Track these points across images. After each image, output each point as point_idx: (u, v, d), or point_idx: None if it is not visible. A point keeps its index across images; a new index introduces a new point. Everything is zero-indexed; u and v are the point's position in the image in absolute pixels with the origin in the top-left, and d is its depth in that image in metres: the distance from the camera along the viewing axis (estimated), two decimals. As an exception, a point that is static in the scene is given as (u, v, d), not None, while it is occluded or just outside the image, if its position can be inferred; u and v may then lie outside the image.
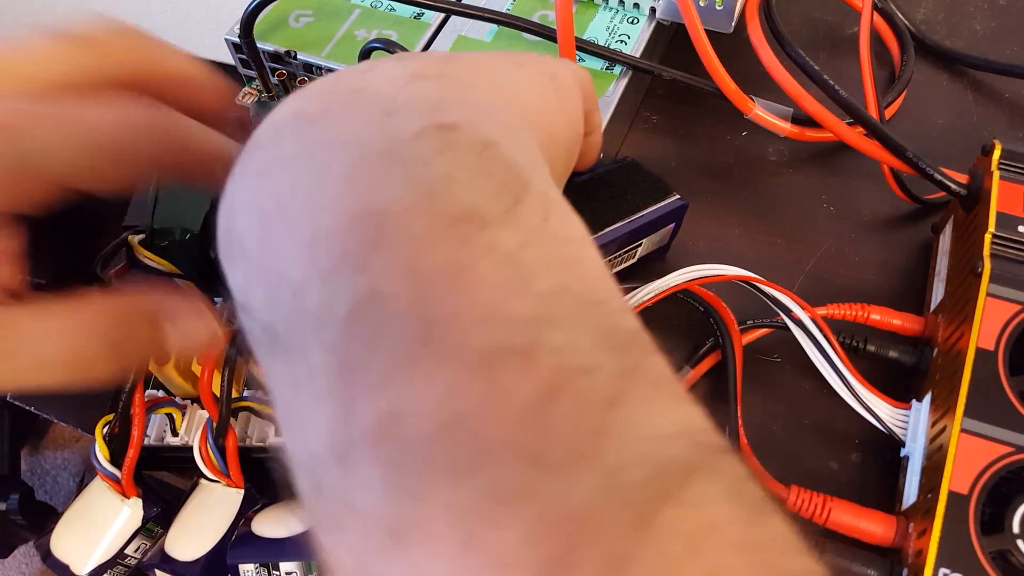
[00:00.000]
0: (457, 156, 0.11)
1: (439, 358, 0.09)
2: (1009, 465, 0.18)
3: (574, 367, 0.09)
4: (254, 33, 0.28)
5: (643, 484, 0.09)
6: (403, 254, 0.10)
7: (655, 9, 0.29)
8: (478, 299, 0.09)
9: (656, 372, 0.10)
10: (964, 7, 0.34)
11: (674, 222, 0.23)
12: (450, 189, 0.10)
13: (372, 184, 0.10)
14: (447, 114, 0.11)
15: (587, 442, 0.09)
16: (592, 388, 0.09)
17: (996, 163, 0.22)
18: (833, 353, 0.22)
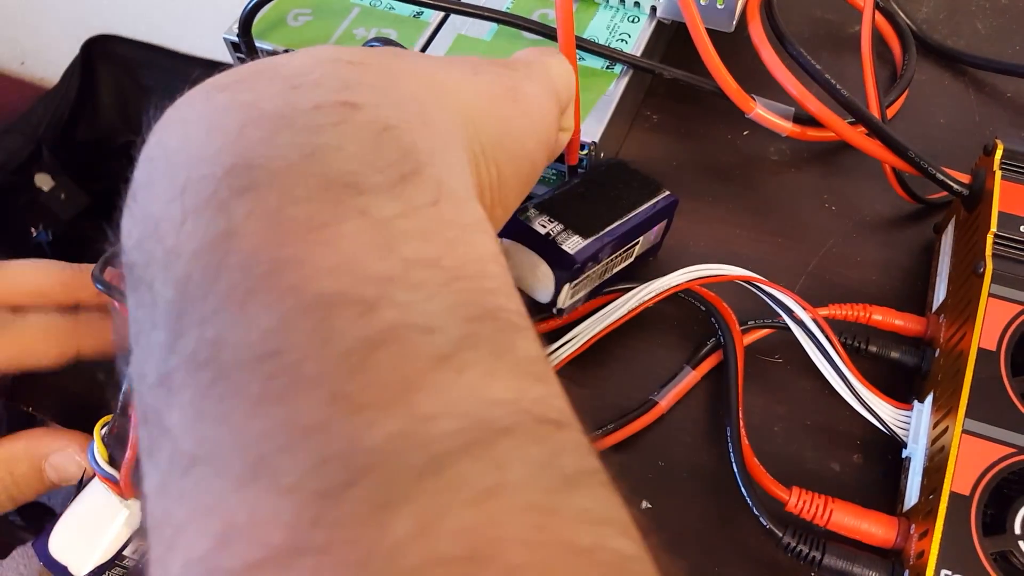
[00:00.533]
0: (352, 130, 0.11)
1: (275, 295, 0.09)
2: (1011, 466, 0.18)
3: (413, 324, 0.10)
4: (252, 32, 0.28)
5: (447, 436, 0.09)
6: (268, 203, 0.10)
7: (656, 8, 0.29)
8: (334, 251, 0.10)
9: (507, 347, 0.10)
10: (966, 6, 0.34)
11: (667, 218, 0.23)
12: (334, 156, 0.11)
13: (256, 141, 0.11)
14: (353, 94, 0.12)
15: (401, 390, 0.09)
16: (425, 345, 0.09)
17: (998, 163, 0.22)
18: (835, 354, 0.22)
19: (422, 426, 0.09)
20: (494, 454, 0.09)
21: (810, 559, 0.20)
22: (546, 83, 0.17)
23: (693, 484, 0.22)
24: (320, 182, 0.10)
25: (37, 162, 0.78)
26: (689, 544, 0.21)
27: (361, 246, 0.10)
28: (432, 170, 0.11)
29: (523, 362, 0.10)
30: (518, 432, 0.09)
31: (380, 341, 0.09)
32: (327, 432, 0.09)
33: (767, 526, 0.20)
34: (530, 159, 0.16)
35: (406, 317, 0.10)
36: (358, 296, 0.09)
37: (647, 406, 0.23)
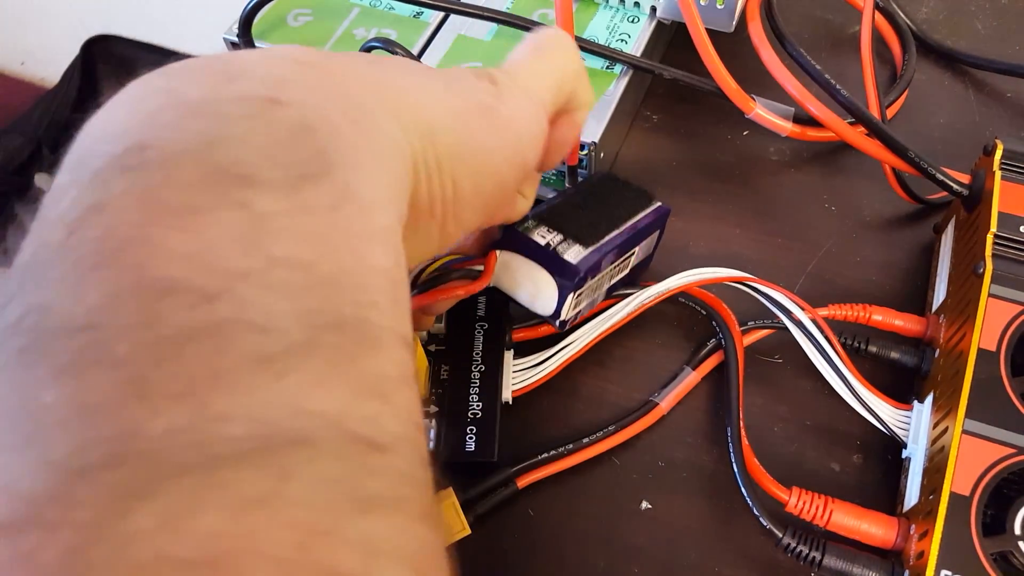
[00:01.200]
0: (264, 125, 0.11)
1: (114, 272, 0.09)
2: (1011, 467, 0.18)
3: (248, 322, 0.09)
4: (252, 32, 0.28)
5: (233, 439, 0.08)
6: (148, 183, 0.10)
7: (655, 8, 0.29)
8: (192, 238, 0.10)
9: (350, 359, 0.10)
10: (966, 6, 0.34)
11: (659, 229, 0.23)
12: (235, 147, 0.11)
13: (164, 125, 0.11)
14: (284, 91, 0.12)
15: (205, 385, 0.09)
16: (251, 344, 0.09)
17: (998, 163, 0.22)
18: (834, 354, 0.22)
19: (209, 424, 0.09)
20: (280, 464, 0.09)
21: (810, 559, 0.20)
22: (532, 91, 0.17)
23: (693, 484, 0.22)
24: (210, 170, 0.10)
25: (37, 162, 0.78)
26: (689, 544, 0.21)
27: (225, 237, 0.10)
28: (343, 175, 0.11)
29: (365, 377, 0.10)
30: (320, 446, 0.09)
31: (203, 333, 0.09)
32: (107, 414, 0.08)
33: (767, 526, 0.20)
34: (494, 177, 0.16)
35: (243, 313, 0.09)
36: (199, 286, 0.09)
37: (648, 407, 0.23)
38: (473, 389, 0.22)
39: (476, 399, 0.22)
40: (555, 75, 0.18)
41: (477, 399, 0.22)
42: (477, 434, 0.21)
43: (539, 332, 0.24)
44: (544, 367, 0.23)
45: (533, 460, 0.22)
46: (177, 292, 0.09)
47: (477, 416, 0.22)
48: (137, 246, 0.10)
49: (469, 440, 0.21)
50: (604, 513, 0.22)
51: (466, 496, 0.21)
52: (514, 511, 0.22)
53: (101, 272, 0.09)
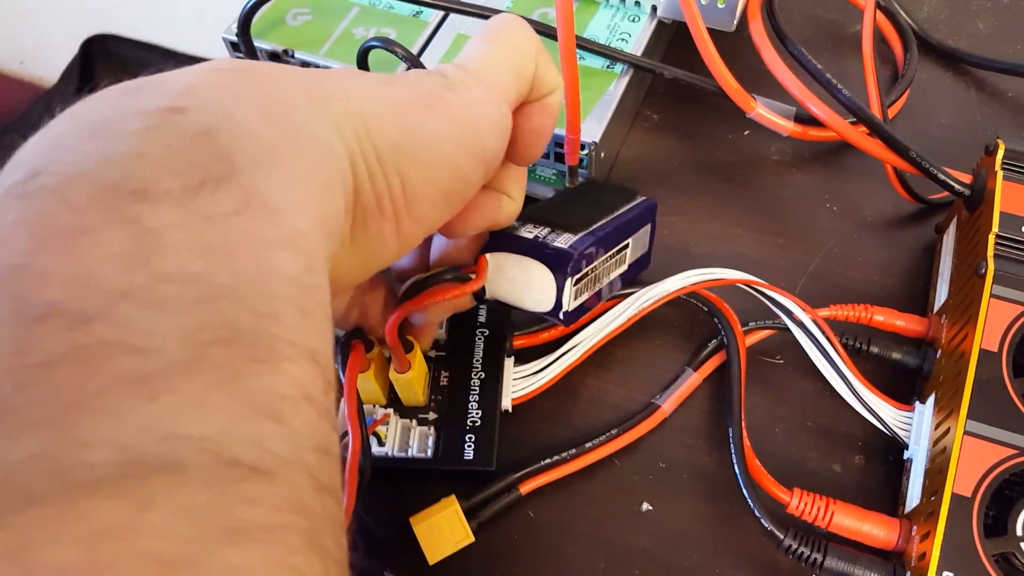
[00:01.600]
0: (162, 135, 0.11)
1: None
2: (1013, 468, 0.18)
3: (125, 343, 0.09)
4: (251, 31, 0.28)
5: (94, 467, 0.08)
6: (41, 209, 0.10)
7: (656, 7, 0.28)
8: (75, 260, 0.09)
9: (239, 376, 0.10)
10: (967, 6, 0.34)
11: (650, 222, 0.23)
12: (130, 162, 0.10)
13: (64, 148, 0.11)
14: (187, 99, 0.11)
15: (68, 410, 0.09)
16: (125, 366, 0.09)
17: (1000, 163, 0.22)
18: (836, 355, 0.22)
19: (70, 451, 0.08)
20: (141, 493, 0.08)
21: (811, 561, 0.20)
22: (486, 79, 0.16)
23: (695, 486, 0.22)
24: (102, 188, 0.10)
25: (36, 162, 0.78)
26: (690, 545, 0.21)
27: (108, 256, 0.10)
28: (247, 177, 0.11)
29: (254, 397, 0.10)
30: (188, 473, 0.09)
31: (72, 357, 0.09)
32: None
33: (768, 528, 0.20)
34: (451, 166, 0.15)
35: (119, 335, 0.09)
36: (76, 309, 0.09)
37: (649, 409, 0.23)
38: (473, 396, 0.22)
39: (475, 407, 0.22)
40: (511, 60, 0.17)
41: (476, 407, 0.22)
42: (476, 443, 0.21)
43: (540, 339, 0.24)
44: (545, 374, 0.23)
45: (536, 466, 0.22)
46: (53, 316, 0.09)
47: (476, 424, 0.21)
48: (18, 274, 0.09)
49: (468, 448, 0.21)
50: (606, 515, 0.22)
51: (469, 503, 0.21)
52: (516, 514, 0.22)
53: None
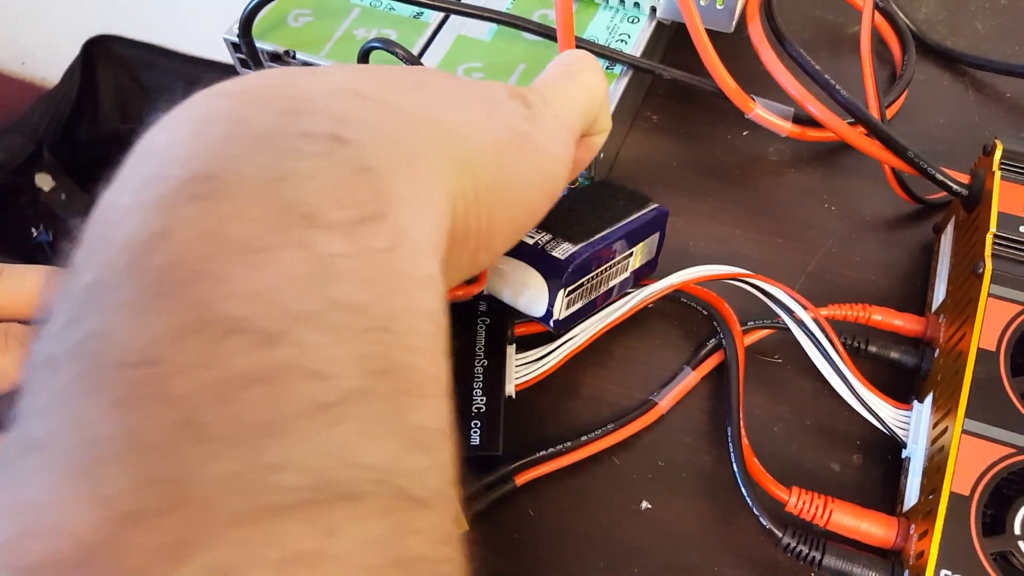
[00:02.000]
0: (329, 163, 0.11)
1: (178, 305, 0.09)
2: (1010, 466, 0.18)
3: (306, 368, 0.09)
4: (253, 32, 0.28)
5: (284, 489, 0.08)
6: (213, 216, 0.10)
7: (655, 8, 0.29)
8: (255, 277, 0.10)
9: (399, 410, 0.10)
10: (965, 6, 0.34)
11: (659, 231, 0.23)
12: (300, 185, 0.11)
13: (231, 156, 0.11)
14: (345, 129, 0.12)
15: (259, 432, 0.09)
16: (309, 391, 0.09)
17: (997, 163, 0.22)
18: (835, 354, 0.22)
19: (262, 473, 0.08)
20: (328, 520, 0.08)
21: (810, 559, 0.20)
22: (564, 117, 0.17)
23: (693, 484, 0.22)
24: (276, 206, 0.10)
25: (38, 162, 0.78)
26: (689, 544, 0.21)
27: (288, 278, 0.10)
28: (398, 218, 0.11)
29: (411, 429, 0.10)
30: (367, 503, 0.09)
31: (261, 378, 0.09)
32: (164, 454, 0.08)
33: (767, 526, 0.20)
34: (527, 207, 0.16)
35: (301, 359, 0.09)
36: (261, 328, 0.09)
37: (647, 406, 0.23)
38: (477, 383, 0.22)
39: (480, 393, 0.22)
40: (585, 101, 0.18)
41: (481, 393, 0.22)
42: (482, 428, 0.21)
43: (541, 327, 0.24)
44: (546, 361, 0.23)
45: (531, 457, 0.22)
46: (239, 332, 0.09)
47: (481, 410, 0.22)
48: (202, 280, 0.09)
49: (474, 434, 0.21)
50: (604, 513, 0.22)
51: (463, 493, 0.21)
52: (514, 512, 0.22)
53: (165, 303, 0.09)
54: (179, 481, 0.08)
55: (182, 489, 0.08)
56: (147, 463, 0.08)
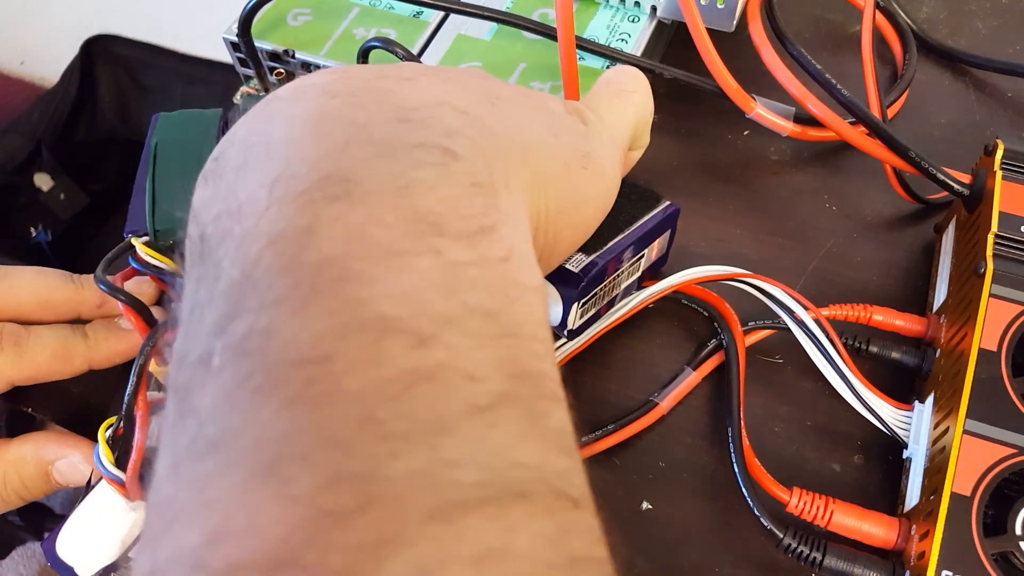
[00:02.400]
0: (447, 176, 0.12)
1: (338, 303, 0.09)
2: (1012, 467, 0.18)
3: (459, 368, 0.10)
4: (252, 32, 0.28)
5: (465, 486, 0.09)
6: (355, 217, 0.10)
7: (656, 7, 0.28)
8: (401, 279, 0.10)
9: (541, 414, 0.10)
10: (967, 6, 0.34)
11: (670, 229, 0.23)
12: (426, 194, 0.11)
13: (359, 160, 0.11)
14: (455, 143, 0.12)
15: (432, 430, 0.09)
16: (466, 392, 0.09)
17: (999, 163, 0.22)
18: (836, 354, 0.22)
19: (443, 470, 0.09)
20: (507, 516, 0.09)
21: (811, 560, 0.20)
22: (617, 135, 0.17)
23: (694, 485, 0.22)
24: (408, 213, 0.11)
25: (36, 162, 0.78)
26: (689, 545, 0.21)
27: (429, 282, 0.10)
28: (506, 231, 0.12)
29: (553, 433, 0.10)
30: (535, 500, 0.09)
31: (424, 376, 0.09)
32: (349, 451, 0.08)
33: (768, 527, 0.20)
34: (586, 225, 0.16)
35: (454, 360, 0.10)
36: (415, 328, 0.10)
37: (647, 407, 0.23)
38: None
39: None
40: (635, 120, 0.18)
41: None
42: None
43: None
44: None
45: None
46: (397, 332, 0.09)
47: None
48: (355, 278, 0.10)
49: None
50: (605, 514, 0.22)
51: None
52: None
53: (324, 300, 0.09)
54: (369, 478, 0.08)
55: (374, 486, 0.08)
56: (335, 460, 0.08)
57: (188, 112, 0.24)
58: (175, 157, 0.23)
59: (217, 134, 0.23)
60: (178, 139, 0.23)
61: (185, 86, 0.80)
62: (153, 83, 0.83)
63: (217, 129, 0.23)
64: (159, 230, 0.21)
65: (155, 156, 0.23)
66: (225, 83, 0.32)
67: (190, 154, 0.23)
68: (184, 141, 0.23)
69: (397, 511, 0.08)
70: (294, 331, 0.09)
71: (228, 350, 0.09)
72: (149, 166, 0.22)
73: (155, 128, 0.23)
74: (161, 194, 0.22)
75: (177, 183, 0.22)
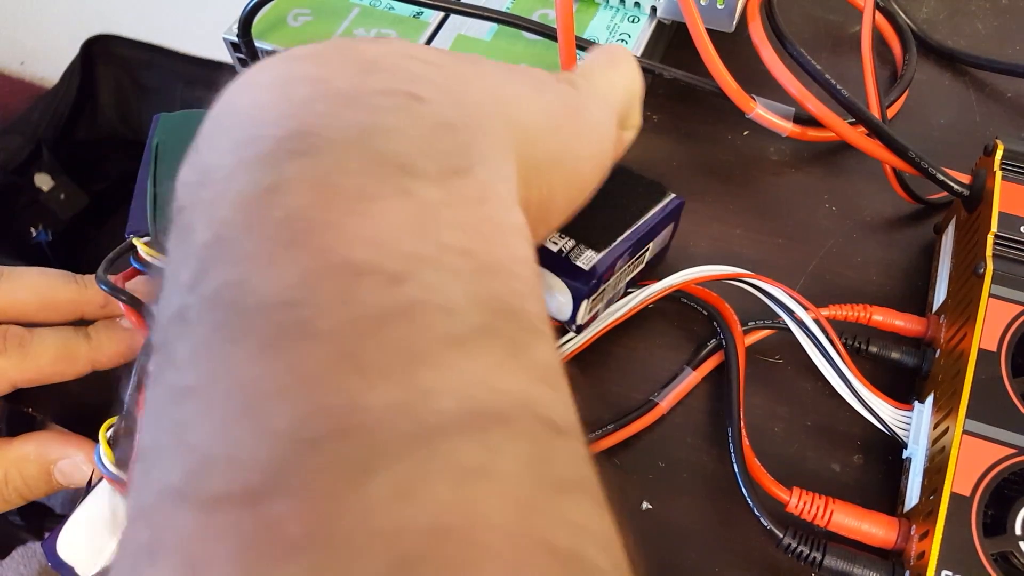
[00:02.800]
0: (412, 118, 0.12)
1: (306, 252, 0.10)
2: (1011, 467, 0.18)
3: (435, 303, 0.10)
4: (252, 32, 0.28)
5: (443, 412, 0.09)
6: (320, 169, 0.10)
7: (656, 8, 0.29)
8: (373, 223, 0.10)
9: (523, 346, 0.10)
10: (966, 6, 0.34)
11: (673, 221, 0.23)
12: (391, 136, 0.11)
13: (320, 114, 0.11)
14: (420, 88, 0.12)
15: (409, 361, 0.09)
16: (442, 324, 0.10)
17: (998, 163, 0.22)
18: (835, 354, 0.22)
19: (421, 398, 0.09)
20: (488, 439, 0.09)
21: (810, 560, 0.20)
22: (609, 100, 0.17)
23: (693, 485, 0.22)
24: (373, 158, 0.11)
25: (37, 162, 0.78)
26: (689, 545, 0.21)
27: (400, 223, 0.10)
28: (482, 172, 0.12)
29: (537, 365, 0.10)
30: (516, 425, 0.09)
31: (398, 312, 0.09)
32: (325, 385, 0.09)
33: (767, 527, 0.20)
34: (582, 180, 0.16)
35: (429, 295, 0.10)
36: (387, 268, 0.10)
37: (647, 407, 0.23)
38: None
39: None
40: (626, 89, 0.18)
41: None
42: None
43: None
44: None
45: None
46: (368, 273, 0.10)
47: None
48: (323, 229, 0.10)
49: None
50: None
51: None
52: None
53: (292, 251, 0.10)
54: (347, 409, 0.08)
55: (351, 417, 0.08)
56: (310, 395, 0.09)
57: (190, 112, 0.24)
58: (176, 157, 0.23)
59: None
60: (180, 139, 0.23)
61: (185, 86, 0.80)
62: (153, 83, 0.83)
63: None
64: (160, 230, 0.21)
65: (156, 156, 0.23)
66: (225, 84, 0.32)
67: (191, 154, 0.23)
68: (186, 141, 0.23)
69: (376, 436, 0.08)
70: (265, 281, 0.09)
71: (202, 303, 0.10)
72: (150, 166, 0.22)
73: (156, 128, 0.23)
74: (162, 194, 0.22)
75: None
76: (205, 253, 0.10)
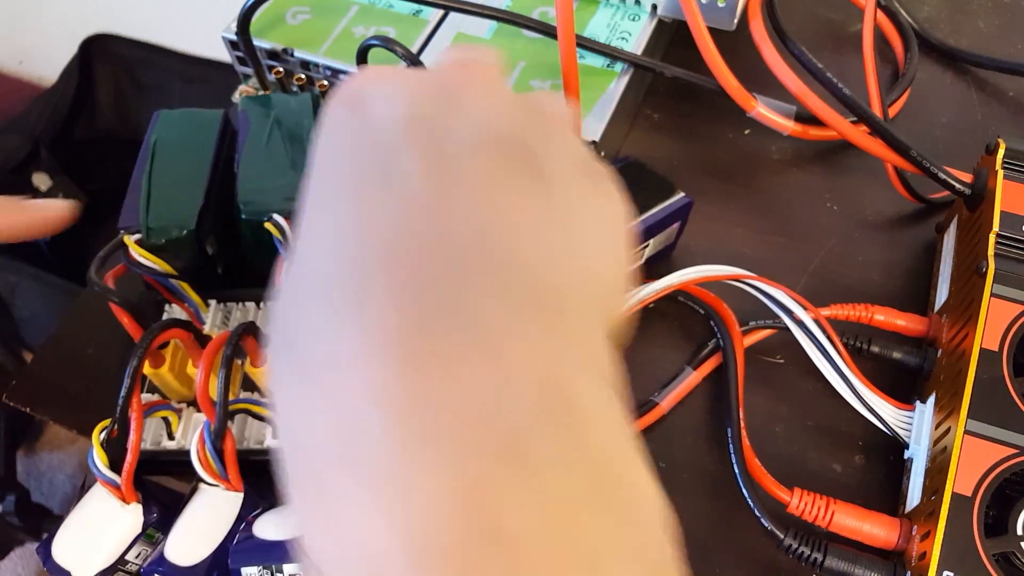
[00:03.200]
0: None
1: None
2: (1013, 467, 0.18)
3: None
4: (251, 30, 0.28)
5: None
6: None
7: (656, 6, 0.28)
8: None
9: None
10: (968, 5, 0.34)
11: (680, 220, 0.23)
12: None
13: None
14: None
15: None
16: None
17: (1000, 162, 0.22)
18: (836, 354, 0.22)
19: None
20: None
21: (811, 560, 0.20)
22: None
23: (694, 485, 0.22)
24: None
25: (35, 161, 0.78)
26: (690, 545, 0.21)
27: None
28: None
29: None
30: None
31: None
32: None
33: (768, 527, 0.20)
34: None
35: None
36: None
37: (647, 407, 0.23)
38: None
39: None
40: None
41: None
42: None
43: None
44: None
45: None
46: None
47: None
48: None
49: None
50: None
51: None
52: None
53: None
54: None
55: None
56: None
57: (189, 111, 0.24)
58: (173, 155, 0.23)
59: (216, 138, 0.23)
60: (177, 138, 0.23)
61: (184, 85, 0.80)
62: (152, 82, 0.83)
63: (217, 130, 0.23)
64: (151, 228, 0.21)
65: (153, 153, 0.22)
66: (224, 82, 0.31)
67: (188, 153, 0.23)
68: (183, 140, 0.23)
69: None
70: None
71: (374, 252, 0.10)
72: (147, 163, 0.22)
73: (155, 125, 0.23)
74: (156, 191, 0.22)
75: (173, 182, 0.22)
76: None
